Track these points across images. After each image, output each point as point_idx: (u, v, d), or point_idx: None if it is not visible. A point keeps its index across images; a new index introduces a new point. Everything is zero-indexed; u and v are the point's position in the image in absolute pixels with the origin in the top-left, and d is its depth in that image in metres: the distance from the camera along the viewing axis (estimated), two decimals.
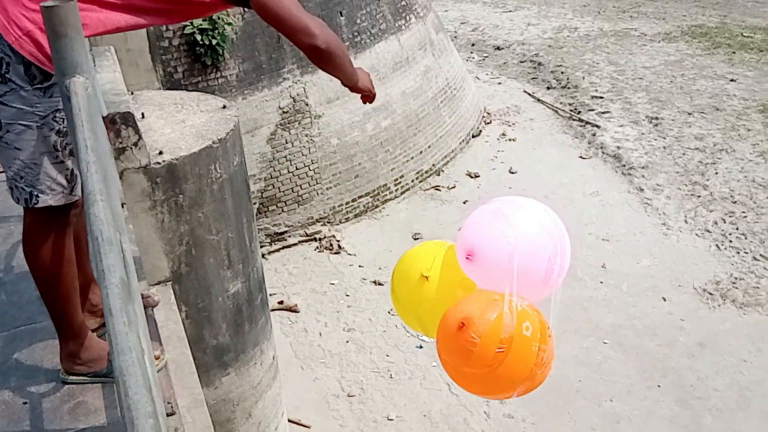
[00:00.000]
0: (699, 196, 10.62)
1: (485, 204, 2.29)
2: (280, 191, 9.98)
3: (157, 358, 2.49)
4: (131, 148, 3.50)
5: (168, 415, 2.21)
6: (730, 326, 8.22)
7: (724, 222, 9.98)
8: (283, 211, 10.09)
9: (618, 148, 12.24)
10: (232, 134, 4.02)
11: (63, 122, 2.10)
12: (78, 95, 1.58)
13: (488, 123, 13.63)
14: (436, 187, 11.45)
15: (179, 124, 4.04)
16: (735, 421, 7.12)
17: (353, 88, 2.52)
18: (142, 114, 4.05)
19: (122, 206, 3.23)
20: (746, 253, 9.31)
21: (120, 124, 3.44)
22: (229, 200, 4.13)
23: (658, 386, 7.64)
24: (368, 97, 2.63)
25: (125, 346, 0.98)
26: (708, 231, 9.84)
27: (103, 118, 3.17)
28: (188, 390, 3.02)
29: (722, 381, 7.59)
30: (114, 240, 1.14)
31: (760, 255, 9.20)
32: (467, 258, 2.17)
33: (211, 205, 4.03)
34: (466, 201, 11.01)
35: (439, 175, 11.76)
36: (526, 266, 2.15)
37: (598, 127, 12.99)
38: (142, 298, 2.20)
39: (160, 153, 3.68)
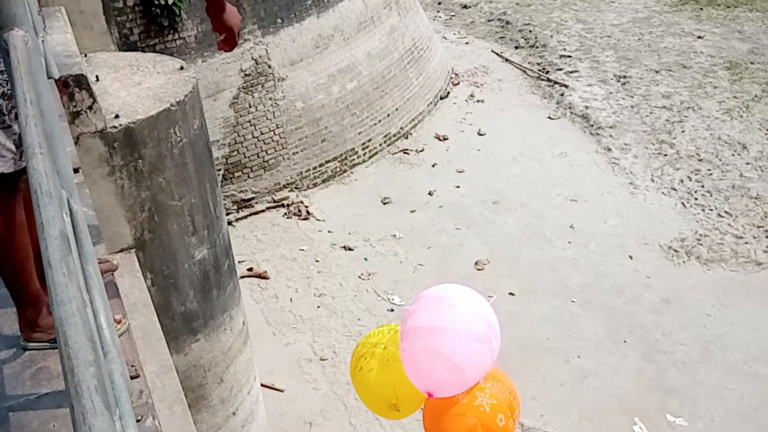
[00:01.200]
0: (666, 155, 10.73)
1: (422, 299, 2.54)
2: (245, 157, 9.84)
3: (118, 322, 2.44)
4: (86, 112, 3.39)
5: (132, 377, 2.19)
6: (695, 282, 8.38)
7: (690, 180, 10.11)
8: (249, 177, 9.96)
9: (586, 107, 12.27)
10: (190, 96, 3.91)
11: (7, 84, 2.00)
12: (17, 48, 1.50)
13: (456, 84, 13.55)
14: (405, 151, 11.40)
15: (135, 86, 3.91)
16: (698, 373, 7.29)
17: (218, 18, 2.41)
18: (96, 77, 3.91)
19: (77, 170, 3.13)
20: (711, 210, 9.45)
21: (73, 87, 3.32)
22: (191, 165, 4.04)
23: (624, 342, 7.78)
24: (228, 41, 2.53)
25: (64, 297, 0.95)
26: (674, 189, 9.97)
27: (56, 81, 3.05)
28: (156, 356, 2.98)
29: (686, 335, 7.75)
30: (54, 193, 1.09)
31: (725, 212, 9.35)
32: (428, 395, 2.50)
33: (172, 170, 3.93)
34: (435, 164, 10.98)
35: (407, 138, 11.69)
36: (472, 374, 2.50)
37: (566, 86, 13.00)
38: (100, 262, 2.13)
39: (117, 117, 3.57)
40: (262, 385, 6.93)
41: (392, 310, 8.43)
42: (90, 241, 1.57)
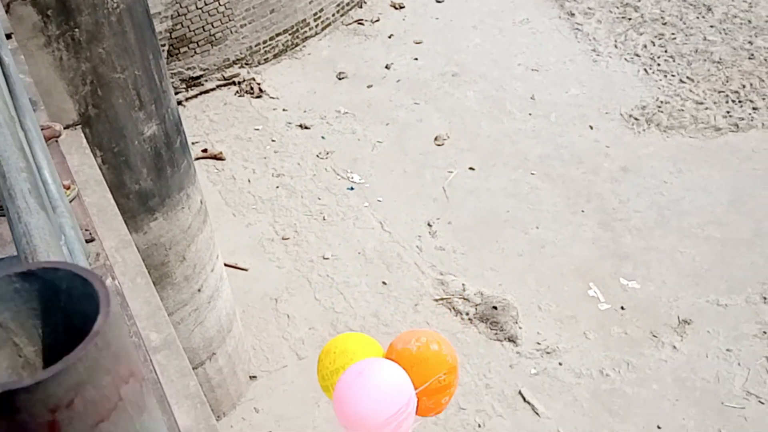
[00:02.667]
0: (630, 19, 10.47)
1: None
2: (190, 30, 9.29)
3: (67, 188, 2.29)
4: None
5: (87, 241, 2.08)
6: (654, 150, 8.44)
7: (653, 45, 9.96)
8: (195, 53, 9.47)
9: None
10: None
11: None
12: None
13: None
14: (359, 21, 10.92)
15: None
16: (653, 239, 7.48)
17: None
18: None
19: (9, 36, 2.88)
20: (673, 76, 9.39)
21: None
22: (131, 34, 3.76)
23: (582, 211, 7.90)
24: None
25: None
26: (637, 55, 9.83)
27: None
28: (114, 232, 2.86)
29: (643, 202, 7.89)
30: None
31: (687, 77, 9.31)
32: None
33: (111, 39, 3.66)
34: (391, 35, 10.60)
35: (361, 7, 11.18)
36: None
37: None
38: (42, 129, 1.96)
39: None
40: (225, 265, 6.89)
41: (352, 189, 8.36)
42: (26, 96, 1.40)
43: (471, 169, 8.44)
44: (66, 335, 0.52)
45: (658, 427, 5.75)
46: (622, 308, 6.77)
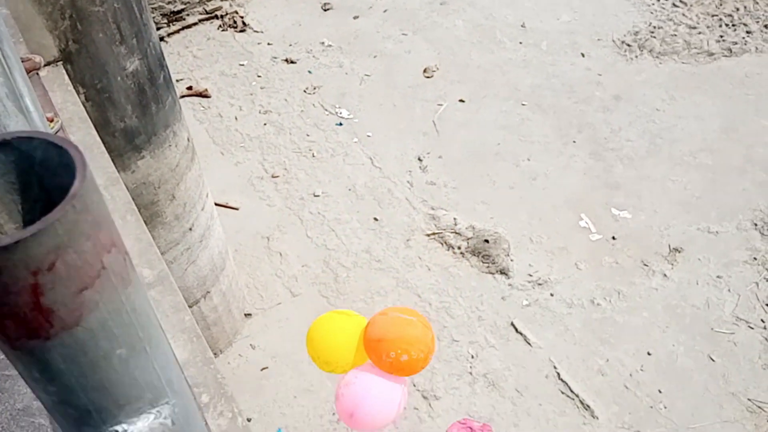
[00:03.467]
0: None
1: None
2: None
3: (50, 120, 2.21)
4: None
5: None
6: (646, 77, 8.34)
7: None
8: None
9: None
10: None
11: None
12: None
13: None
14: None
15: None
16: (644, 168, 7.47)
17: None
18: None
19: None
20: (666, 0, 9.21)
21: None
22: None
23: (574, 142, 7.84)
24: None
25: None
26: None
27: None
28: (101, 169, 2.80)
29: (635, 131, 7.84)
30: None
31: (680, 1, 9.13)
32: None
33: None
34: None
35: None
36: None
37: None
38: (23, 61, 1.87)
39: None
40: (216, 204, 6.83)
41: (341, 124, 8.25)
42: (2, 24, 1.31)
43: (461, 101, 8.32)
44: (46, 212, 0.49)
45: (648, 354, 5.85)
46: (614, 238, 6.79)
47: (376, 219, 7.10)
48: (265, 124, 8.30)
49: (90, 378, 0.55)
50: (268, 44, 9.27)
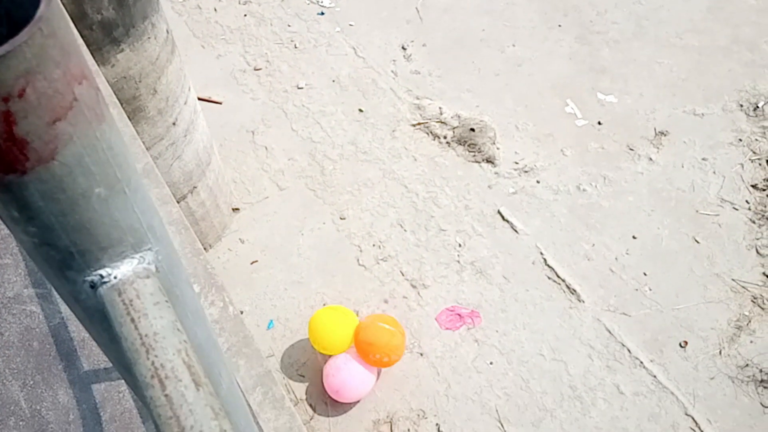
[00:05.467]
0: None
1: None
2: None
3: None
4: None
5: None
6: None
7: None
8: None
9: None
10: None
11: None
12: None
13: None
14: None
15: None
16: (630, 51, 7.37)
17: None
18: None
19: None
20: None
21: None
22: None
23: (559, 26, 7.70)
24: None
25: None
26: None
27: None
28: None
29: (621, 13, 7.68)
30: None
31: None
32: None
33: None
34: None
35: None
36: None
37: None
38: None
39: None
40: (199, 99, 6.75)
41: (322, 14, 8.03)
42: None
43: None
44: None
45: (634, 237, 5.98)
46: (599, 123, 6.80)
47: (360, 110, 7.05)
48: (245, 15, 8.07)
49: (69, 217, 0.56)
50: None
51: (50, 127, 0.50)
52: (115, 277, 0.65)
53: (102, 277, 0.65)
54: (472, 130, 6.77)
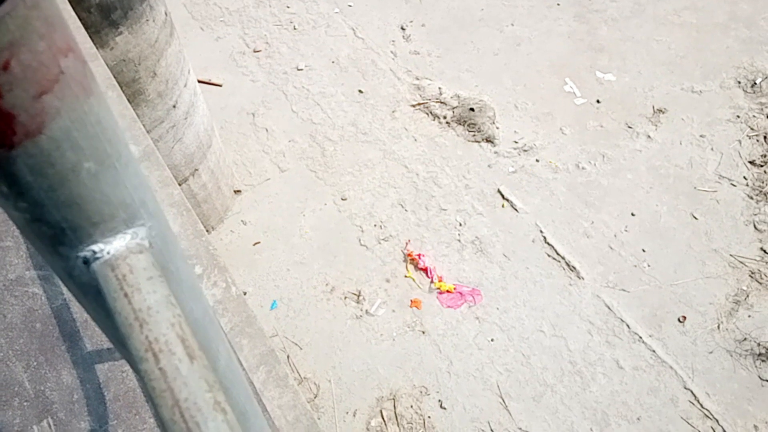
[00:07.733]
0: None
1: None
2: None
3: None
4: None
5: None
6: None
7: None
8: None
9: None
10: None
11: None
12: None
13: None
14: None
15: None
16: (628, 29, 7.35)
17: None
18: None
19: None
20: None
21: None
22: None
23: (558, 5, 7.67)
24: None
25: None
26: None
27: None
28: (79, 45, 2.75)
29: None
30: None
31: None
32: None
33: None
34: None
35: None
36: None
37: None
38: None
39: None
40: (199, 81, 6.76)
41: None
42: None
43: None
44: None
45: (632, 215, 6.00)
46: (598, 101, 6.80)
47: (360, 91, 7.05)
48: None
49: (59, 192, 0.57)
50: None
51: (36, 100, 0.50)
52: (108, 253, 0.65)
53: (95, 252, 0.65)
54: (472, 109, 6.77)
